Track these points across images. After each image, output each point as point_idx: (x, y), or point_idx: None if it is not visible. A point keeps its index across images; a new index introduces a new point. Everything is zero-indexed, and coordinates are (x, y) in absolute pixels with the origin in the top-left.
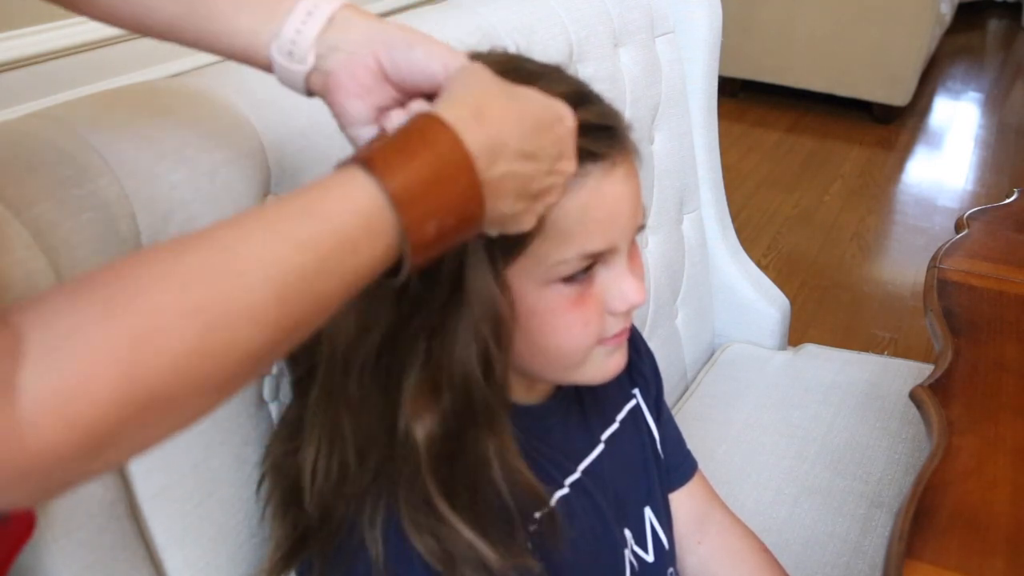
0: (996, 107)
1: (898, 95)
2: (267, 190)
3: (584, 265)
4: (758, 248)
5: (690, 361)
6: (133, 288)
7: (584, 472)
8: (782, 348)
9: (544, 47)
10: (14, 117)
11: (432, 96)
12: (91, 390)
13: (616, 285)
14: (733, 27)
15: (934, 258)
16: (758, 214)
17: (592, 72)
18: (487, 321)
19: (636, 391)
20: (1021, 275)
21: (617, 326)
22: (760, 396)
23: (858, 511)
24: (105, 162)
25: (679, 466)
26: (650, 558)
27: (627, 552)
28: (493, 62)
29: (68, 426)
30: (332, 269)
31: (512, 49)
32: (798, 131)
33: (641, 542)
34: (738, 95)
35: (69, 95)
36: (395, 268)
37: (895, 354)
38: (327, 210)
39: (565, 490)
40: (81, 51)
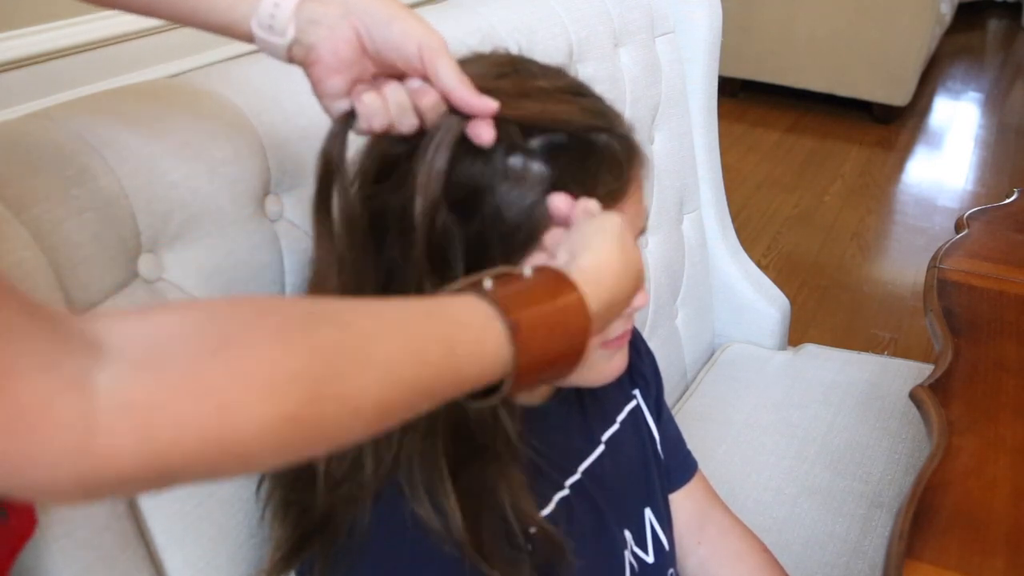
0: (996, 107)
1: (898, 95)
2: (267, 190)
3: None
4: (758, 248)
5: (690, 361)
6: (251, 335)
7: (584, 473)
8: (782, 348)
9: (544, 47)
10: (14, 117)
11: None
12: (180, 419)
13: None
14: (733, 27)
15: (934, 258)
16: (758, 214)
17: (592, 72)
18: None
19: (636, 392)
20: (1021, 275)
21: (619, 328)
22: (760, 396)
23: (858, 511)
24: (105, 162)
25: (679, 467)
26: (650, 559)
27: (627, 553)
28: (495, 63)
29: (141, 444)
30: (436, 393)
31: (514, 50)
32: (798, 131)
33: (641, 543)
34: (738, 95)
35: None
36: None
37: (895, 354)
38: (453, 342)
39: (565, 491)
40: (81, 51)
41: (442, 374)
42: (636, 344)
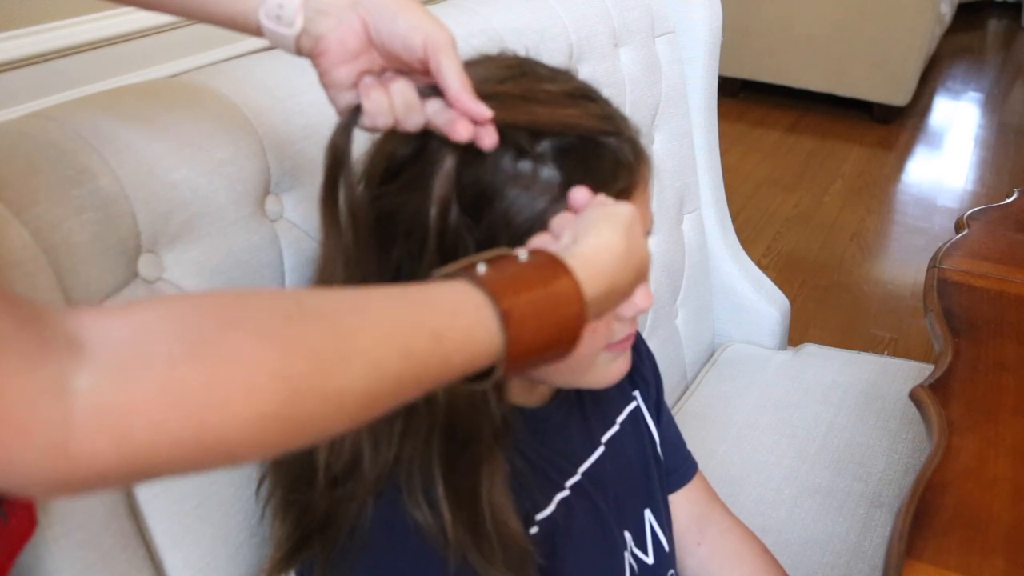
0: (996, 107)
1: (898, 95)
2: (267, 190)
3: None
4: (758, 248)
5: (690, 361)
6: (232, 334)
7: (584, 474)
8: (782, 348)
9: (544, 47)
10: (14, 117)
11: (411, 67)
12: (156, 421)
13: None
14: (733, 27)
15: (934, 258)
16: (758, 214)
17: (592, 72)
18: None
19: (636, 393)
20: (1021, 275)
21: (623, 331)
22: (760, 396)
23: (858, 511)
24: (105, 162)
25: (679, 468)
26: (650, 560)
27: (627, 554)
28: (502, 65)
29: (119, 445)
30: (423, 384)
31: (522, 52)
32: (798, 131)
33: (641, 544)
34: (738, 95)
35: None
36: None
37: (895, 354)
38: (441, 331)
39: (565, 492)
40: (81, 51)
41: (430, 364)
42: (636, 345)
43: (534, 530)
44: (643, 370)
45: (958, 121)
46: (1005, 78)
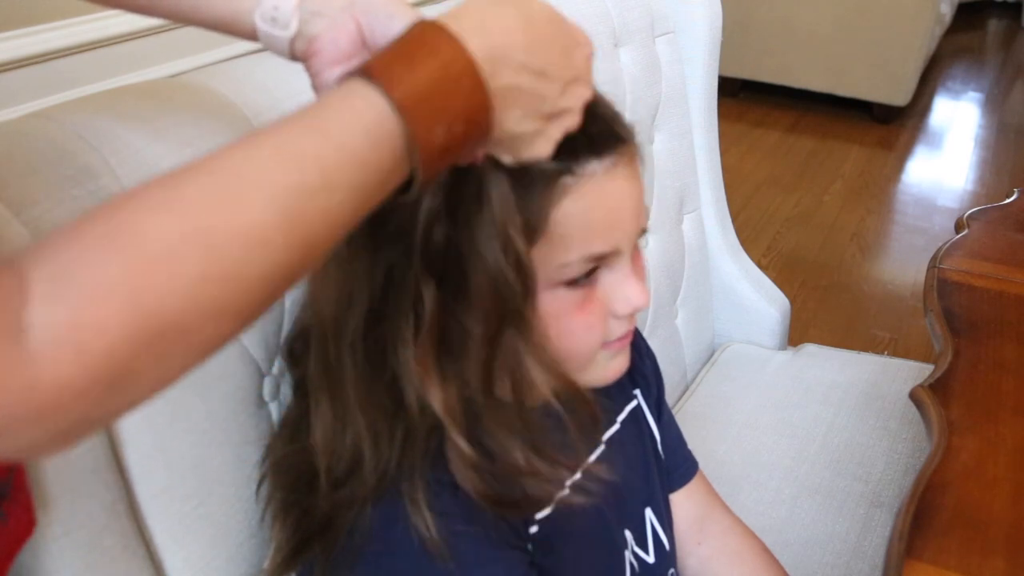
0: (996, 107)
1: (898, 95)
2: None
3: (587, 268)
4: (758, 248)
5: (690, 361)
6: (133, 218)
7: (585, 473)
8: (782, 348)
9: None
10: (14, 117)
11: None
12: (99, 319)
13: (620, 288)
14: (733, 27)
15: (934, 258)
16: (758, 214)
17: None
18: (509, 221)
19: (637, 392)
20: (1021, 275)
21: (621, 329)
22: (760, 396)
23: (858, 511)
24: (105, 162)
25: (680, 467)
26: (651, 559)
27: (628, 553)
28: None
29: (79, 357)
30: (338, 184)
31: None
32: (798, 131)
33: (642, 543)
34: (738, 95)
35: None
36: (406, 186)
37: (895, 354)
38: (329, 124)
39: (566, 491)
40: (81, 51)
41: (332, 168)
42: (637, 344)
43: (534, 529)
44: (643, 368)
45: (958, 121)
46: (1005, 78)
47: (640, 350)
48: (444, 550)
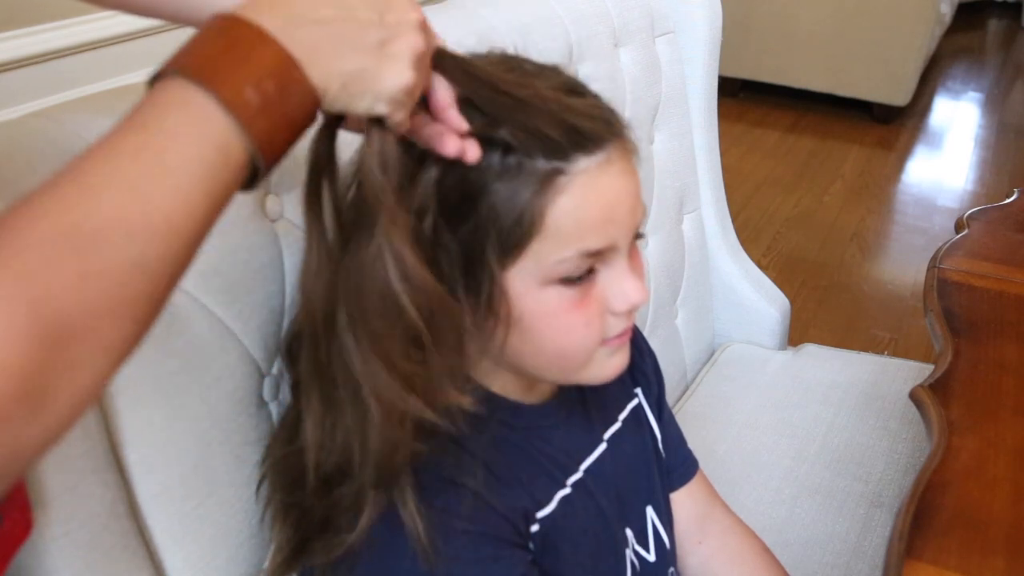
0: (996, 107)
1: (898, 95)
2: (267, 190)
3: (584, 264)
4: (758, 248)
5: (690, 361)
6: (15, 225)
7: (586, 471)
8: (782, 348)
9: (544, 47)
10: (14, 117)
11: None
12: (3, 332)
13: (617, 285)
14: (733, 27)
15: (934, 258)
16: (758, 214)
17: (592, 72)
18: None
19: (638, 390)
20: (1021, 275)
21: (619, 326)
22: (760, 396)
23: (858, 511)
24: None
25: (680, 466)
26: (651, 557)
27: (628, 551)
28: (491, 62)
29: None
30: (176, 167)
31: (511, 50)
32: (798, 131)
33: (643, 541)
34: (738, 95)
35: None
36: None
37: (895, 354)
38: (146, 117)
39: (567, 489)
40: (81, 51)
41: (177, 170)
42: (638, 343)
43: (535, 528)
44: (644, 367)
45: (958, 121)
46: (1005, 78)
47: (641, 349)
48: (441, 549)
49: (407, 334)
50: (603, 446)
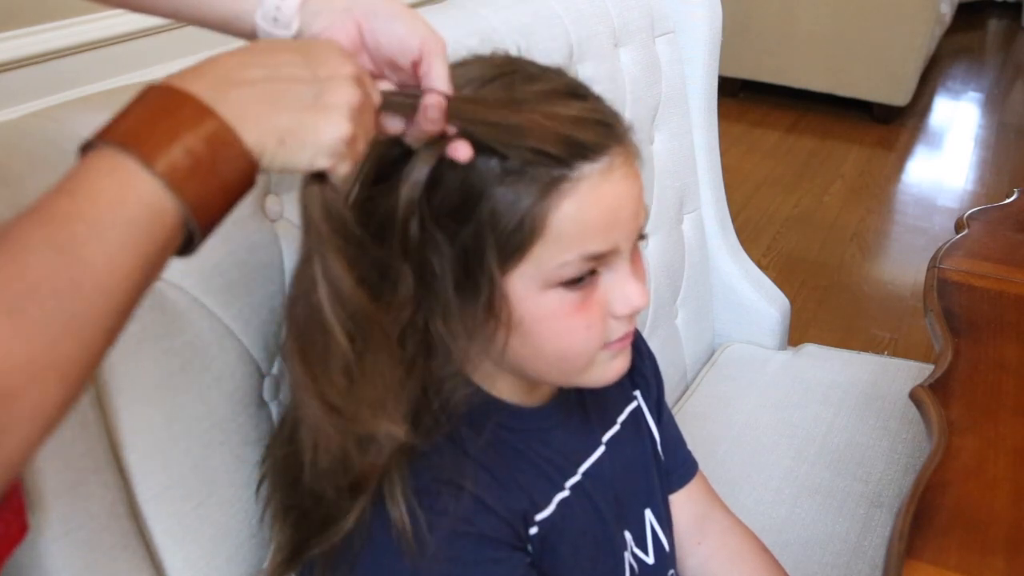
0: (996, 107)
1: (898, 95)
2: (267, 190)
3: (586, 268)
4: (758, 248)
5: (690, 361)
6: None
7: (585, 474)
8: (782, 348)
9: (544, 48)
10: (14, 117)
11: (405, 72)
12: None
13: (619, 288)
14: (733, 27)
15: (934, 258)
16: (758, 214)
17: (592, 72)
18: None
19: (637, 393)
20: (1021, 275)
21: (621, 330)
22: (760, 396)
23: (858, 511)
24: None
25: (679, 467)
26: (650, 560)
27: (627, 554)
28: (494, 64)
29: None
30: (103, 231)
31: (513, 51)
32: (798, 131)
33: (641, 544)
34: (738, 95)
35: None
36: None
37: (895, 354)
38: (74, 184)
39: (566, 493)
40: (81, 51)
41: (105, 235)
42: (637, 345)
43: (534, 530)
44: (644, 370)
45: (958, 121)
46: (1005, 78)
47: (640, 351)
48: (440, 551)
49: (339, 362)
50: (601, 449)
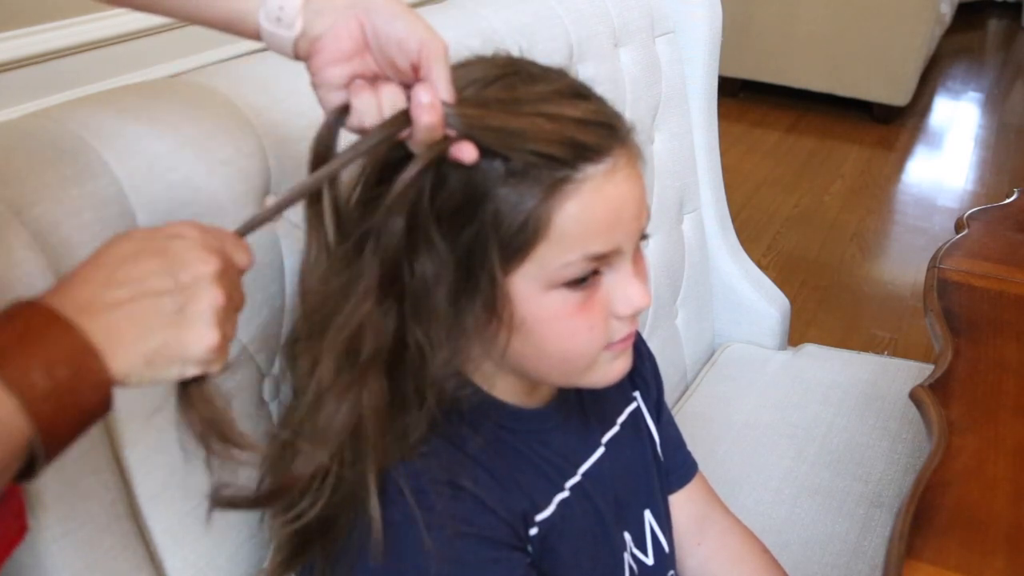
0: (996, 107)
1: (898, 95)
2: (267, 190)
3: (589, 268)
4: (758, 248)
5: (690, 361)
6: None
7: (584, 475)
8: (782, 348)
9: (544, 48)
10: (14, 117)
11: (406, 73)
12: None
13: (621, 289)
14: (733, 27)
15: (934, 258)
16: (758, 214)
17: (592, 72)
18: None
19: (637, 394)
20: (1021, 275)
21: (623, 330)
22: (760, 396)
23: (858, 511)
24: (104, 162)
25: (679, 468)
26: (650, 561)
27: (627, 555)
28: (496, 65)
29: None
30: None
31: (516, 52)
32: (798, 131)
33: (641, 545)
34: (738, 95)
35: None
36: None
37: (895, 354)
38: None
39: (565, 493)
40: (81, 51)
41: None
42: (637, 346)
43: (534, 531)
44: (643, 370)
45: (958, 121)
46: (1005, 78)
47: (640, 352)
48: (440, 552)
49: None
50: (601, 450)
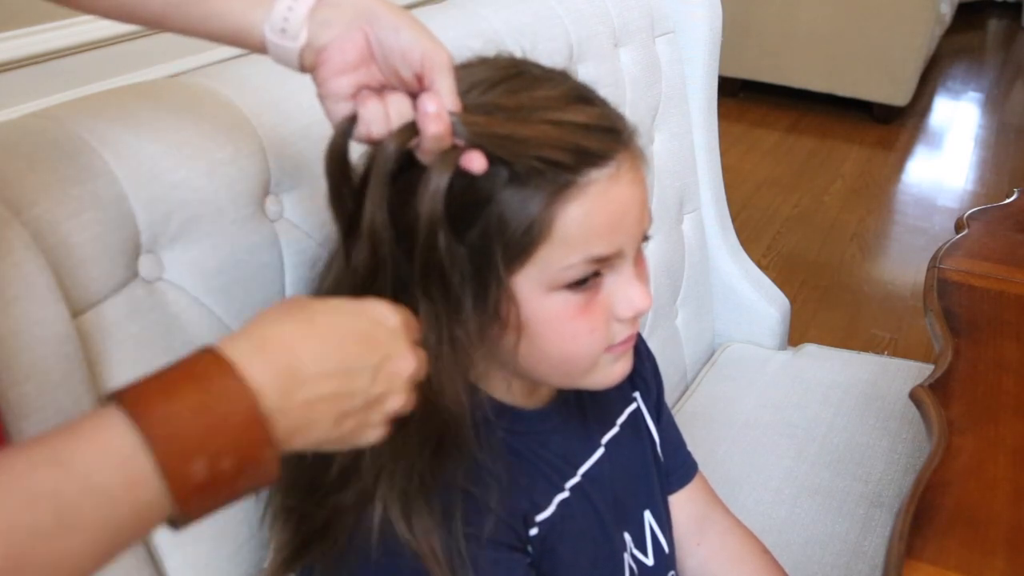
0: (996, 107)
1: (898, 95)
2: (267, 190)
3: (590, 270)
4: (758, 248)
5: (690, 361)
6: None
7: (584, 476)
8: (782, 348)
9: (544, 48)
10: (14, 117)
11: (410, 83)
12: None
13: (623, 291)
14: (733, 27)
15: (934, 258)
16: (758, 214)
17: (592, 72)
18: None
19: (637, 394)
20: (1021, 275)
21: (624, 332)
22: (760, 396)
23: (858, 511)
24: (104, 162)
25: (679, 468)
26: (650, 561)
27: (627, 556)
28: (499, 67)
29: None
30: (80, 525)
31: (518, 53)
32: (798, 131)
33: (641, 546)
34: (738, 95)
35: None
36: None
37: (895, 354)
38: (74, 457)
39: (565, 494)
40: (81, 51)
41: (69, 507)
42: (637, 346)
43: (534, 531)
44: (643, 371)
45: (958, 121)
46: (1005, 78)
47: (640, 352)
48: (440, 553)
49: None
50: (601, 451)
